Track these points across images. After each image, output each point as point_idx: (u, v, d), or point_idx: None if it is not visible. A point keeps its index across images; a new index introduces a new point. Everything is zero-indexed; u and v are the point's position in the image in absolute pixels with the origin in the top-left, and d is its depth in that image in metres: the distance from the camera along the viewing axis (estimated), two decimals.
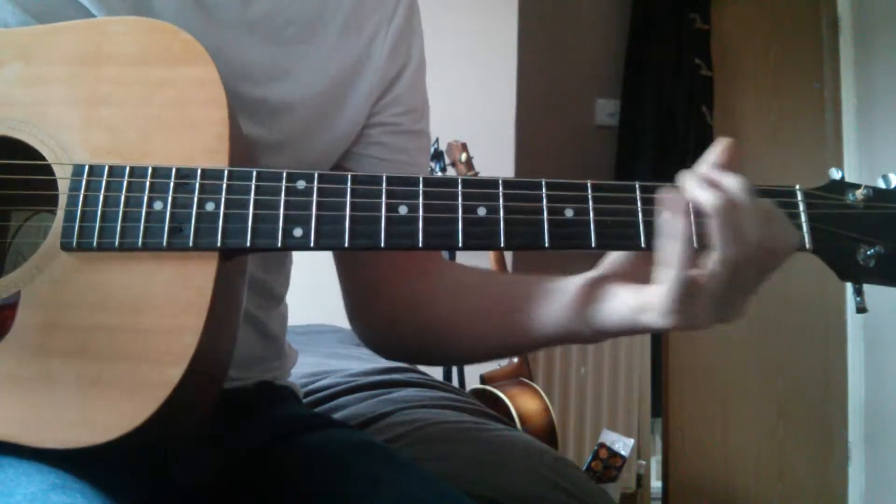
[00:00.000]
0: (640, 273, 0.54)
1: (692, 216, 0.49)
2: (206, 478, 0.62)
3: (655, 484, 2.37)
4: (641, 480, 2.10)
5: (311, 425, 0.69)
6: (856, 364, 2.48)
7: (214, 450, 0.62)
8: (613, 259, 0.59)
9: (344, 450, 0.63)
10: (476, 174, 1.76)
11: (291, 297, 0.77)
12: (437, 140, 1.77)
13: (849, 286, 0.53)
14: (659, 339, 2.37)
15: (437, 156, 1.77)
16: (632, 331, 0.54)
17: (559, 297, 0.59)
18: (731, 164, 0.51)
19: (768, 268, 0.50)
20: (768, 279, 0.50)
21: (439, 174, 1.76)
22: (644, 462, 2.12)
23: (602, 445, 1.80)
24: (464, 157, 1.76)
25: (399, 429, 0.79)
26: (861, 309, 0.53)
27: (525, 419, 1.68)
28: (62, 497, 0.42)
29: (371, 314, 0.73)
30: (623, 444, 1.80)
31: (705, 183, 0.49)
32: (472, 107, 2.08)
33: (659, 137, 2.47)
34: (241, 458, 0.64)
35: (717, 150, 0.52)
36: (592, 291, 0.56)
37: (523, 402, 1.72)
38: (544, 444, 0.86)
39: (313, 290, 1.13)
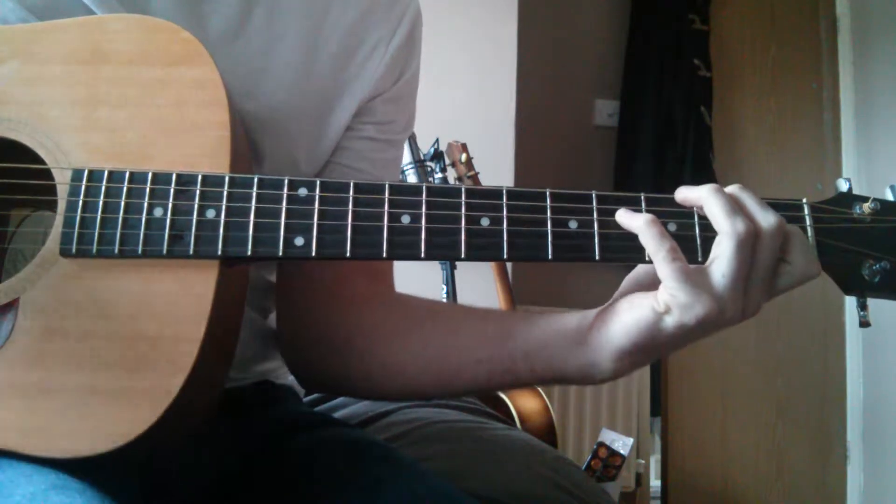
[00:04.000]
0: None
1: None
2: (207, 477, 0.62)
3: (655, 483, 2.37)
4: (641, 479, 2.10)
5: (311, 424, 0.68)
6: (854, 364, 2.48)
7: (214, 449, 0.62)
8: (631, 278, 0.57)
9: (344, 449, 0.63)
10: (476, 175, 1.76)
11: None
12: (437, 140, 1.77)
13: (852, 300, 0.52)
14: None
15: (438, 156, 1.77)
16: (653, 335, 0.50)
17: (562, 335, 0.57)
18: None
19: (774, 264, 0.49)
20: (785, 282, 0.50)
21: (439, 174, 1.76)
22: (643, 461, 2.12)
23: (601, 444, 1.80)
24: (464, 157, 1.76)
25: (399, 428, 0.79)
26: (864, 323, 0.52)
27: (525, 418, 1.68)
28: (62, 497, 0.41)
29: (310, 340, 0.68)
30: (622, 443, 1.80)
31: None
32: (472, 107, 2.08)
33: (658, 138, 2.47)
34: (241, 457, 0.64)
35: None
36: (605, 315, 0.54)
37: (523, 401, 1.72)
38: (544, 443, 0.86)
39: None
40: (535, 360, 0.58)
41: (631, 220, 0.50)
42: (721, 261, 0.48)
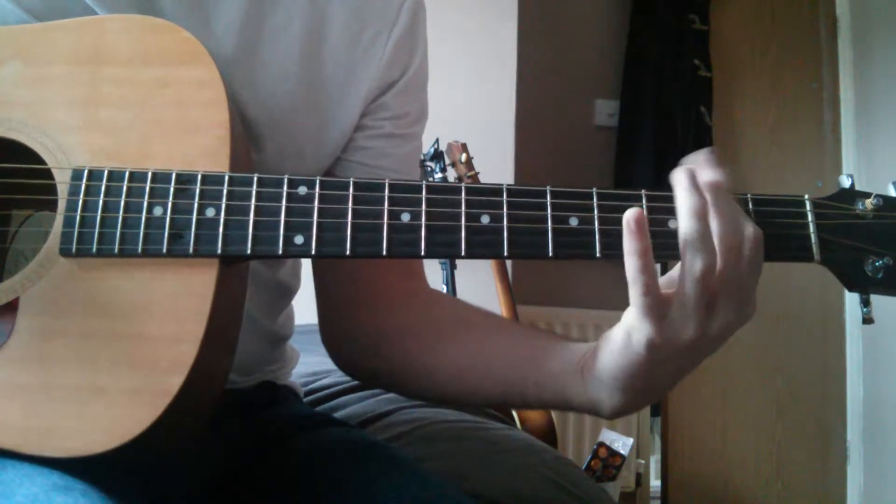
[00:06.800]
0: None
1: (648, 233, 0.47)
2: (208, 478, 0.62)
3: (654, 483, 2.37)
4: (641, 479, 2.10)
5: (311, 424, 0.68)
6: (854, 363, 2.48)
7: (216, 450, 0.62)
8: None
9: (344, 449, 0.63)
10: (476, 174, 1.76)
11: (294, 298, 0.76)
12: (437, 140, 1.77)
13: (853, 299, 0.52)
14: None
15: (438, 156, 1.77)
16: (629, 361, 0.50)
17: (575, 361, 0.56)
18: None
19: (748, 280, 0.48)
20: (749, 289, 0.49)
21: (439, 174, 1.76)
22: (643, 461, 2.13)
23: (601, 444, 1.80)
24: (464, 157, 1.76)
25: (399, 428, 0.79)
26: (868, 320, 0.51)
27: (524, 418, 1.68)
28: (64, 497, 0.41)
29: (348, 339, 0.70)
30: (622, 443, 1.80)
31: (690, 183, 0.49)
32: (472, 107, 2.08)
33: (658, 138, 2.47)
34: (242, 457, 0.64)
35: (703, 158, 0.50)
36: (598, 344, 0.54)
37: None
38: (544, 443, 0.86)
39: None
40: (543, 390, 0.58)
41: (627, 234, 0.48)
42: (679, 293, 0.47)
